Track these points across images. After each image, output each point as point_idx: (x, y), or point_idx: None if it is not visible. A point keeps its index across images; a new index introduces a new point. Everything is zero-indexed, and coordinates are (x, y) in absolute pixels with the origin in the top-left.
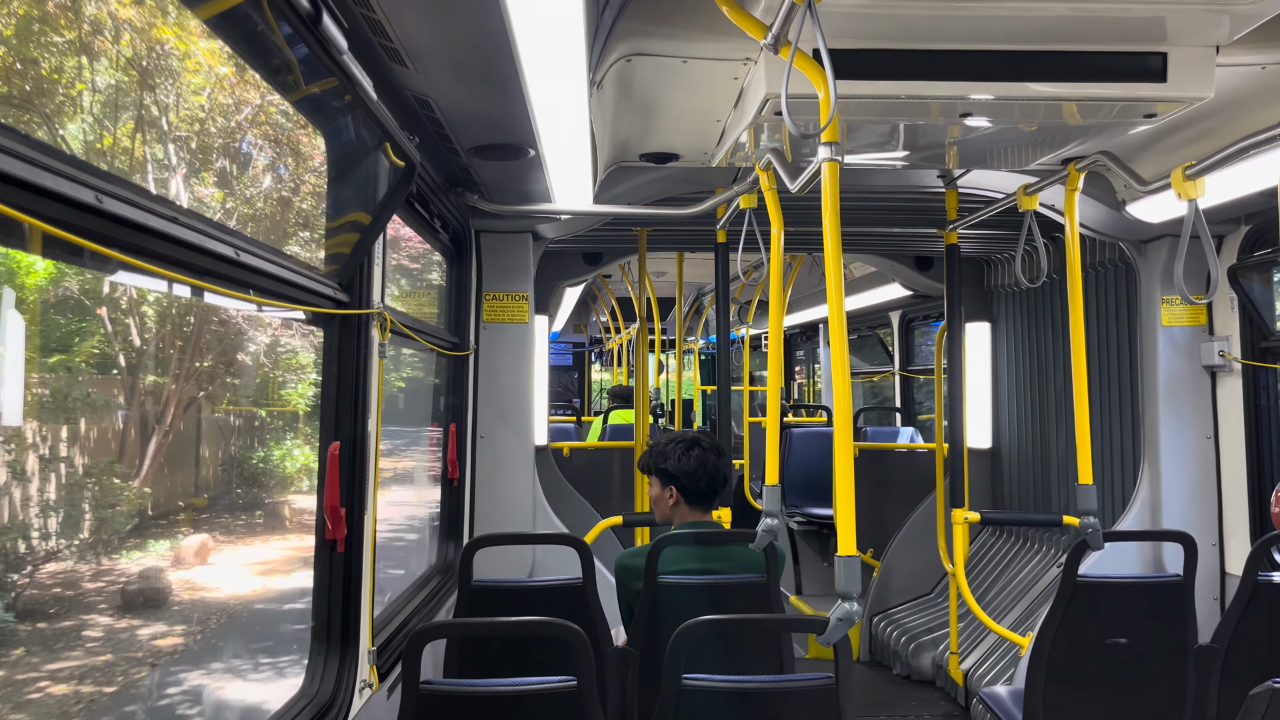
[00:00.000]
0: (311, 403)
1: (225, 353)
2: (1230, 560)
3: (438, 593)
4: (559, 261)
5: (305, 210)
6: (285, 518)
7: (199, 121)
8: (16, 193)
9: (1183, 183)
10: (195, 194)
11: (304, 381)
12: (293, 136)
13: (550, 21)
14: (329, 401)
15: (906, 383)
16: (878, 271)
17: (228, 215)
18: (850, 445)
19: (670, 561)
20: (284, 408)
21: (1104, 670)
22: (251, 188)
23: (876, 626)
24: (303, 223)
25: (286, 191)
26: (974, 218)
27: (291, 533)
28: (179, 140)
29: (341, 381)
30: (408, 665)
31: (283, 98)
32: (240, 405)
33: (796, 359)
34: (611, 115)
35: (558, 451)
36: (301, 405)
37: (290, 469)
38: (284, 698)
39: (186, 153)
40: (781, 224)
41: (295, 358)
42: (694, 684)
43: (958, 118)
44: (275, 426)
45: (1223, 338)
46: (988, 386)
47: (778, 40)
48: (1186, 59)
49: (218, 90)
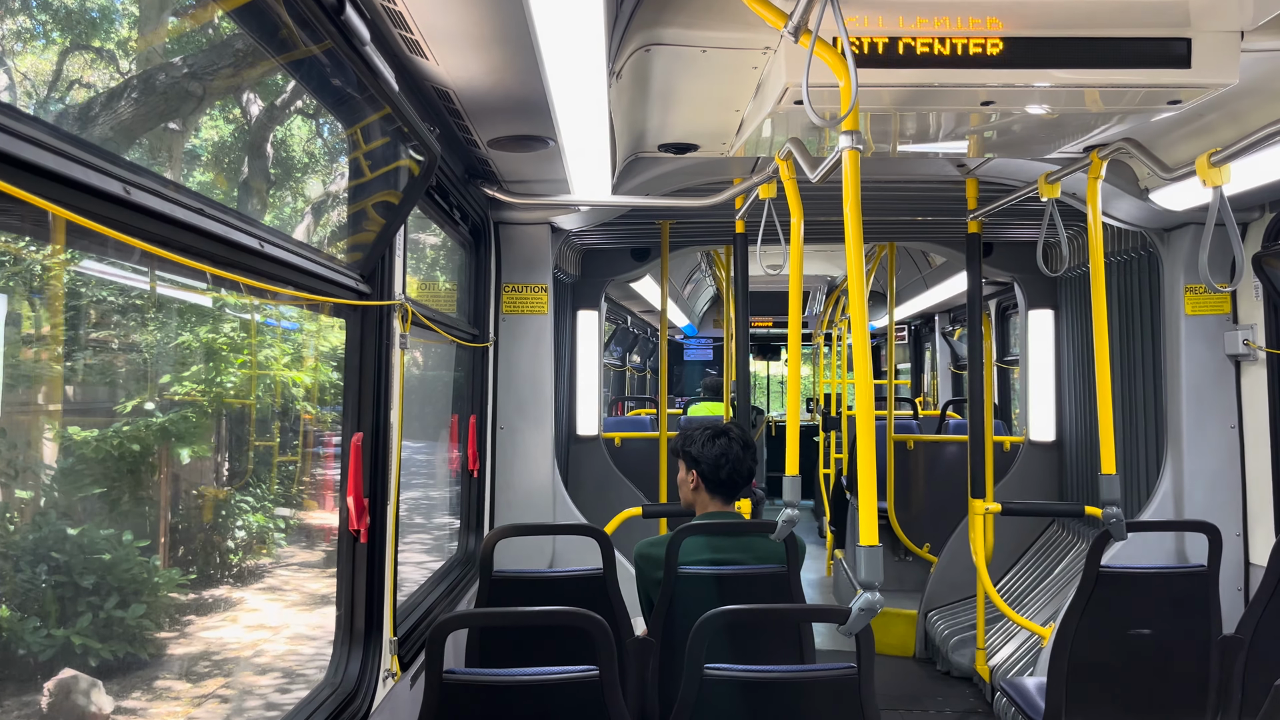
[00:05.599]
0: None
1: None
2: (1255, 550)
3: (459, 583)
4: (605, 259)
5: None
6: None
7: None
8: (45, 184)
9: (1208, 170)
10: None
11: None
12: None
13: (570, 11)
14: (351, 392)
15: (1004, 375)
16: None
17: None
18: (871, 437)
19: (689, 552)
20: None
21: (1127, 661)
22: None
23: (930, 622)
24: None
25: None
26: (995, 206)
27: None
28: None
29: (364, 372)
30: (430, 655)
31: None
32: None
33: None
34: (630, 105)
35: (609, 441)
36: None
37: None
38: None
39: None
40: (802, 214)
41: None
42: (715, 674)
43: (979, 106)
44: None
45: (1247, 326)
46: (1051, 376)
47: (798, 29)
48: (1211, 45)
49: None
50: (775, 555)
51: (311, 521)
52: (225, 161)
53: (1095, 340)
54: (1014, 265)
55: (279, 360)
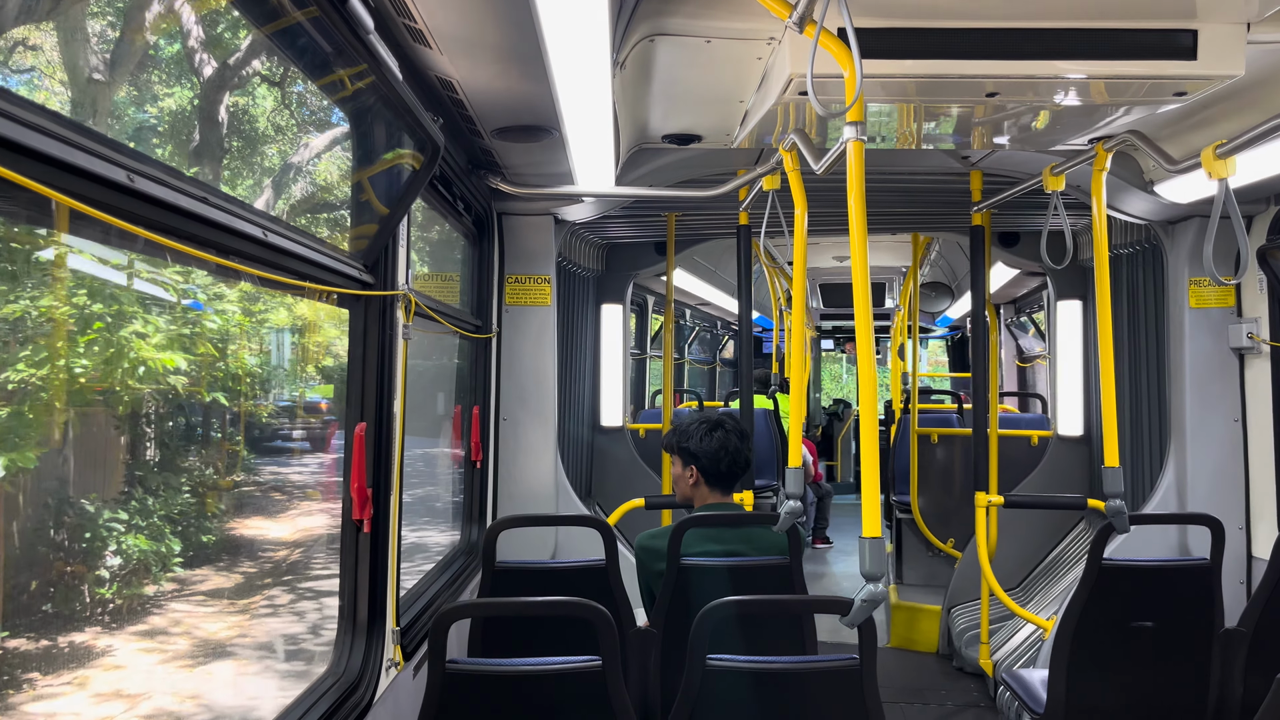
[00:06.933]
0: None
1: None
2: (1257, 544)
3: (462, 574)
4: (630, 253)
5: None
6: None
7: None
8: (50, 171)
9: (1213, 162)
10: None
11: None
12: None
13: (574, 0)
14: (355, 382)
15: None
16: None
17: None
18: (876, 431)
19: (690, 543)
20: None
21: (1128, 653)
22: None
23: (952, 618)
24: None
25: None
26: (1000, 198)
27: None
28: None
29: (367, 362)
30: (434, 645)
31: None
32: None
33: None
34: (634, 96)
35: (634, 433)
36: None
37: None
38: None
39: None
40: (805, 205)
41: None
42: (718, 664)
43: (984, 97)
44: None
45: (1251, 320)
46: (1079, 369)
47: (803, 19)
48: (1217, 36)
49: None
50: (777, 547)
51: (232, 536)
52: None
53: (1099, 332)
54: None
55: (151, 338)
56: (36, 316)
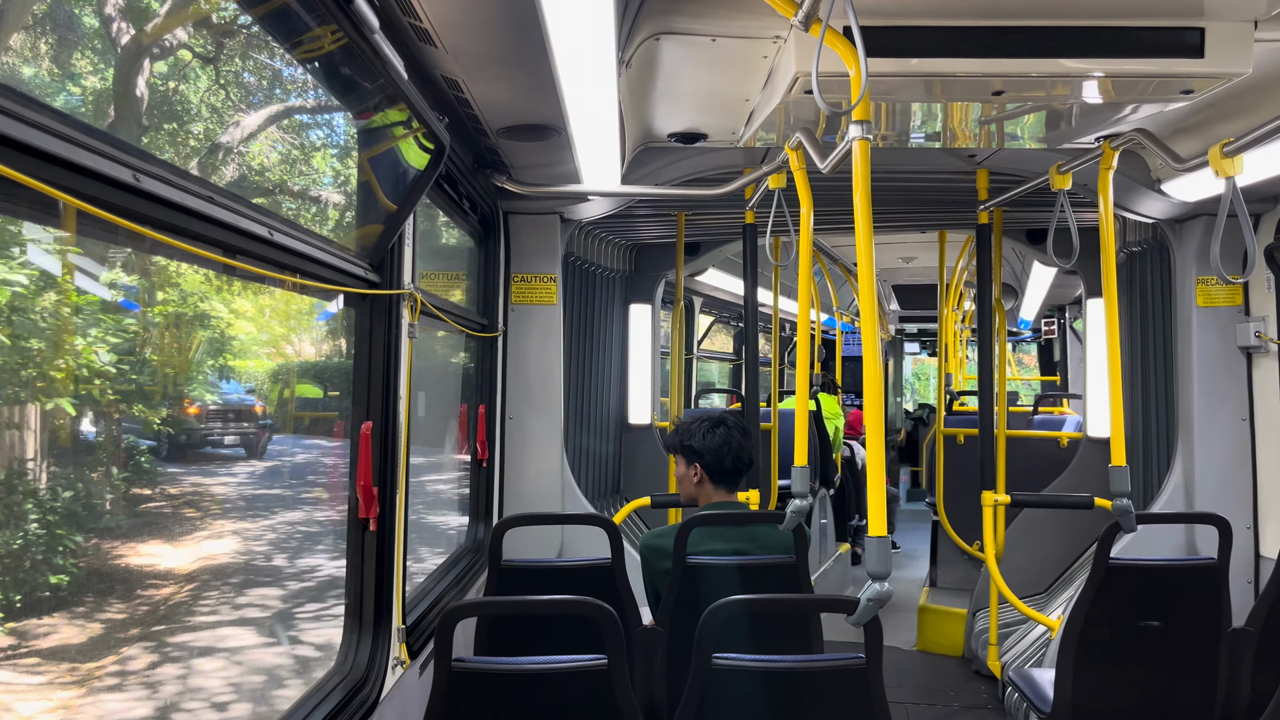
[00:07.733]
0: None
1: None
2: (1265, 543)
3: (468, 572)
4: (658, 254)
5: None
6: None
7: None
8: (56, 170)
9: (1220, 160)
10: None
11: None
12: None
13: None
14: (360, 381)
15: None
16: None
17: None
18: (881, 430)
19: (696, 542)
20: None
21: (1135, 653)
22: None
23: (975, 621)
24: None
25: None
26: (1007, 197)
27: None
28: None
29: (373, 361)
30: (440, 643)
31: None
32: None
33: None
34: (639, 95)
35: (662, 430)
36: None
37: None
38: None
39: None
40: (811, 204)
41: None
42: (724, 663)
43: (990, 96)
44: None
45: (1259, 318)
46: (1105, 369)
47: (808, 17)
48: (1224, 34)
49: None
50: (782, 545)
51: (122, 562)
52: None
53: (1106, 331)
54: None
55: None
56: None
